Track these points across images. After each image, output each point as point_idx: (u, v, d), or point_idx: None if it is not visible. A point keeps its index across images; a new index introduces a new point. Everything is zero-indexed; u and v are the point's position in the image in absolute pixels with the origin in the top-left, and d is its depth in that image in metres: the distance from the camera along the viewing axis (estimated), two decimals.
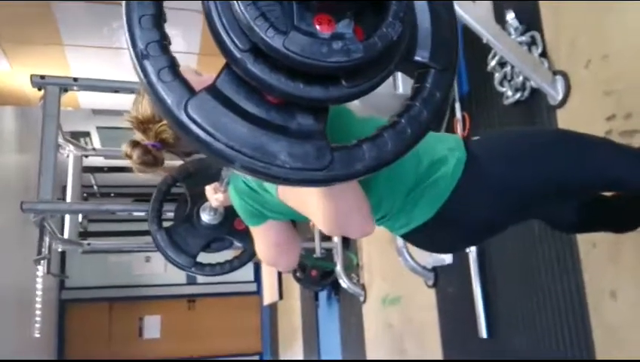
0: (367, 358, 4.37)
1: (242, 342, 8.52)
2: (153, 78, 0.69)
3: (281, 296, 5.68)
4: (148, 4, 0.70)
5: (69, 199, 3.63)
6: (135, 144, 1.26)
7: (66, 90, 2.95)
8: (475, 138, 1.32)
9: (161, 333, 8.37)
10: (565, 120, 2.19)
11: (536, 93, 2.35)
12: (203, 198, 1.94)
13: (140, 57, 0.69)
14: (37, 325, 5.01)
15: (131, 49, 0.69)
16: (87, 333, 7.97)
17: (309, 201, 1.01)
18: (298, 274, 5.08)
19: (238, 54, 0.69)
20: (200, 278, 8.58)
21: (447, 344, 3.18)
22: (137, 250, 7.51)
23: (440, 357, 3.21)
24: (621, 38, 1.97)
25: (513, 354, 2.55)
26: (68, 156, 3.71)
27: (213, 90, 0.72)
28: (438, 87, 0.80)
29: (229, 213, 2.00)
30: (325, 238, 4.45)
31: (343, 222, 1.01)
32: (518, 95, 2.45)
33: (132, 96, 3.20)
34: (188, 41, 3.64)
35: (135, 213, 3.96)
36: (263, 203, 1.20)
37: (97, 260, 7.76)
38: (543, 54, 2.30)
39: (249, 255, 2.14)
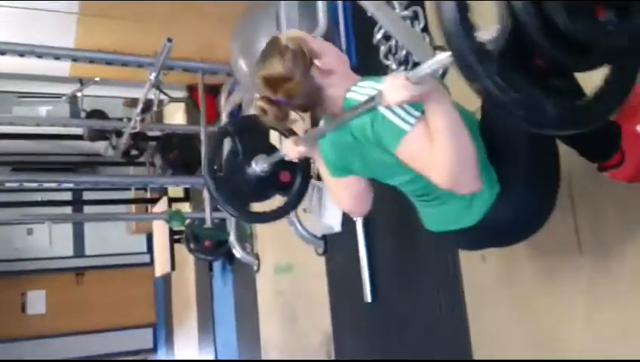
0: (261, 326, 4.42)
1: (135, 315, 8.31)
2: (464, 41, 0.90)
3: (173, 267, 5.59)
4: None
5: None
6: (269, 100, 1.39)
7: None
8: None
9: (46, 308, 7.96)
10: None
11: (418, 66, 2.43)
12: (255, 151, 2.18)
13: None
14: None
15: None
16: None
17: (429, 158, 1.19)
18: (191, 245, 5.01)
19: (538, 36, 0.89)
20: (88, 250, 8.25)
21: (335, 309, 3.28)
22: (16, 222, 7.07)
23: (328, 322, 3.31)
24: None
25: (393, 316, 2.69)
26: None
27: (505, 55, 0.90)
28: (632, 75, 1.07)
29: (276, 167, 2.18)
30: (217, 208, 4.41)
31: (461, 175, 1.18)
32: (402, 68, 2.52)
33: (5, 58, 3.00)
34: (67, 2, 3.41)
35: (9, 184, 3.72)
36: (364, 158, 1.41)
37: None
38: (425, 29, 2.38)
39: (291, 205, 2.34)
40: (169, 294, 7.58)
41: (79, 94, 4.98)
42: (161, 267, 6.06)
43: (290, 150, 1.70)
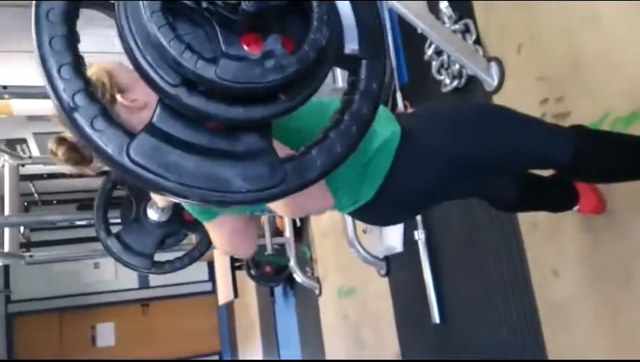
0: (326, 350, 4.38)
1: (200, 343, 8.42)
2: (87, 129, 0.66)
3: (236, 295, 5.63)
4: (64, 51, 0.65)
5: (7, 211, 3.49)
6: (61, 141, 1.25)
7: None
8: (409, 111, 1.34)
9: (115, 340, 8.18)
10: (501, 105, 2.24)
11: (472, 80, 2.40)
12: (147, 197, 1.91)
13: (69, 111, 0.65)
14: None
15: (57, 103, 0.65)
16: (38, 346, 7.70)
17: None
18: (252, 272, 5.06)
19: (170, 90, 0.67)
20: (152, 281, 8.43)
21: (402, 331, 3.22)
22: (84, 257, 7.32)
23: (396, 345, 3.25)
24: (549, 24, 2.03)
25: (465, 337, 2.61)
26: (3, 166, 3.56)
27: (152, 128, 0.69)
28: (373, 76, 0.80)
29: (177, 207, 1.95)
30: (277, 234, 4.43)
31: (303, 206, 1.06)
32: (455, 82, 2.48)
33: None
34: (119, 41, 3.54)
35: (77, 222, 3.86)
36: None
37: (44, 270, 7.50)
38: (477, 41, 2.34)
39: (206, 244, 2.09)
40: (233, 321, 7.65)
41: None
42: (224, 295, 6.12)
43: (157, 199, 1.52)
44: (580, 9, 1.88)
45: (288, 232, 4.29)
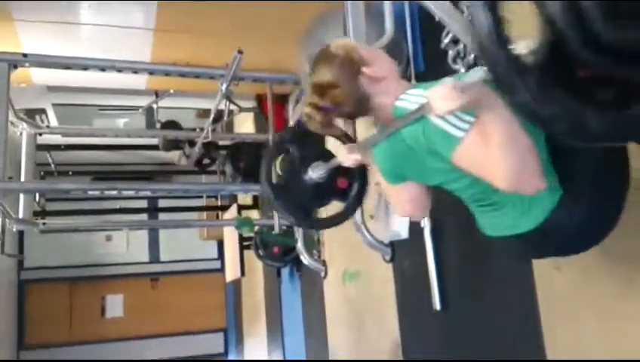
0: (328, 333, 4.44)
1: (206, 319, 8.53)
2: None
3: (243, 273, 5.70)
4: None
5: (23, 178, 3.57)
6: (315, 106, 1.43)
7: (15, 67, 2.89)
8: None
9: (124, 312, 8.32)
10: None
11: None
12: (312, 158, 2.20)
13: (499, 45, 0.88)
14: None
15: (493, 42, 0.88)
16: (48, 314, 7.86)
17: (488, 162, 1.16)
18: (260, 252, 5.10)
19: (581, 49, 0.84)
20: (163, 256, 8.55)
21: (403, 317, 3.25)
22: (97, 229, 7.44)
23: (396, 330, 3.28)
24: None
25: (464, 325, 2.64)
26: (21, 134, 3.64)
27: (544, 68, 0.89)
28: None
29: (333, 174, 2.22)
30: None
31: (521, 177, 1.15)
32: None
33: (88, 73, 3.16)
34: (145, 17, 3.57)
35: (91, 192, 3.92)
36: (419, 166, 1.38)
37: (57, 239, 7.63)
38: None
39: (349, 210, 2.38)
40: (239, 299, 7.74)
41: (154, 106, 5.20)
42: (231, 273, 6.20)
43: (346, 158, 1.73)
44: None
45: None
